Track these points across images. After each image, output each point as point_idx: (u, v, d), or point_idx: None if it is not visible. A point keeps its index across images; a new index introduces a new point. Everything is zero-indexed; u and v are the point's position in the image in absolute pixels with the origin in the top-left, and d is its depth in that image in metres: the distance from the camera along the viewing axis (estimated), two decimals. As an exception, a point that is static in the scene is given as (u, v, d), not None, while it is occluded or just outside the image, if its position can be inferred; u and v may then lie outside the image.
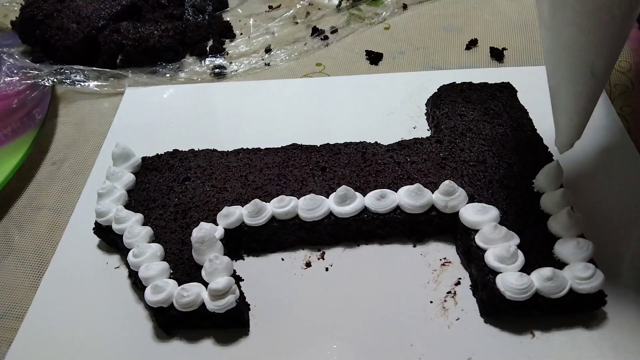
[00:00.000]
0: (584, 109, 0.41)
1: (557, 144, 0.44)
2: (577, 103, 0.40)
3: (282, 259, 0.49)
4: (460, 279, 0.46)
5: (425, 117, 0.61)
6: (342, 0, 0.81)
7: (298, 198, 0.48)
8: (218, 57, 0.74)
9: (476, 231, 0.45)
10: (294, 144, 0.55)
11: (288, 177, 0.51)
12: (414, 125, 0.60)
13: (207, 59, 0.74)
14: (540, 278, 0.40)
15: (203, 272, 0.43)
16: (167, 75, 0.72)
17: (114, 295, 0.47)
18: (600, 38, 0.36)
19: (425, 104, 0.62)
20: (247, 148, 0.55)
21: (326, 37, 0.76)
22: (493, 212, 0.45)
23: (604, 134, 0.56)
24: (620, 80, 0.63)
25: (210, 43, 0.77)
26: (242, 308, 0.43)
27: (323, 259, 0.49)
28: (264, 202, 0.48)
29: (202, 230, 0.44)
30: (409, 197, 0.47)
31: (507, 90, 0.58)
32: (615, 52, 0.38)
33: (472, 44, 0.72)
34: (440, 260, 0.47)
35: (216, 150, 0.56)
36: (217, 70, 0.72)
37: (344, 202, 0.47)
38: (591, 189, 0.51)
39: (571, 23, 0.36)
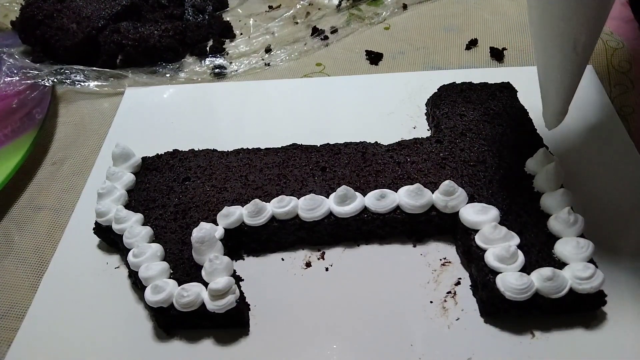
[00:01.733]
0: (569, 85, 0.42)
1: (545, 120, 0.45)
2: (562, 78, 0.42)
3: (282, 259, 0.49)
4: (460, 279, 0.46)
5: (425, 117, 0.61)
6: (342, 0, 0.81)
7: (298, 198, 0.48)
8: (218, 57, 0.74)
9: (476, 231, 0.45)
10: (294, 144, 0.55)
11: (288, 177, 0.51)
12: (414, 125, 0.60)
13: (207, 59, 0.74)
14: (540, 278, 0.40)
15: (203, 272, 0.43)
16: (167, 75, 0.72)
17: (114, 295, 0.47)
18: (581, 15, 0.38)
19: (425, 104, 0.62)
20: (247, 148, 0.55)
21: (326, 37, 0.76)
22: (493, 212, 0.45)
23: (604, 134, 0.56)
24: (620, 80, 0.63)
25: (210, 43, 0.77)
26: (242, 308, 0.43)
27: (323, 259, 0.49)
28: (264, 202, 0.48)
29: (202, 230, 0.44)
30: (409, 197, 0.47)
31: (507, 90, 0.58)
32: (596, 30, 0.40)
33: (472, 44, 0.72)
34: (440, 260, 0.47)
35: (216, 150, 0.56)
36: (217, 70, 0.72)
37: (344, 202, 0.47)
38: (591, 189, 0.51)
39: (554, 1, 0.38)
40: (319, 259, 0.49)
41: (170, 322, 0.44)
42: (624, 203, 0.50)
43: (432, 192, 0.47)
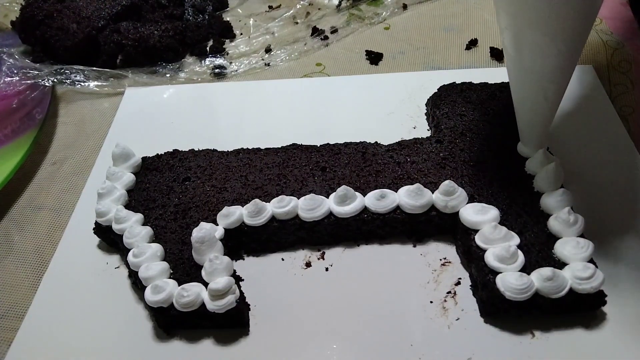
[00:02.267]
0: (541, 127, 0.48)
1: (519, 149, 0.51)
2: (534, 121, 0.48)
3: (282, 259, 0.49)
4: (460, 279, 0.46)
5: (425, 117, 0.61)
6: (342, 0, 0.81)
7: (298, 198, 0.48)
8: (218, 57, 0.74)
9: (476, 231, 0.45)
10: (294, 144, 0.55)
11: (288, 177, 0.51)
12: (414, 125, 0.60)
13: (207, 59, 0.74)
14: (540, 278, 0.40)
15: (203, 272, 0.43)
16: (167, 75, 0.72)
17: (114, 295, 0.47)
18: (550, 68, 0.43)
19: (425, 104, 0.62)
20: (247, 148, 0.55)
21: (326, 37, 0.76)
22: (493, 212, 0.45)
23: (604, 134, 0.56)
24: (620, 80, 0.63)
25: (210, 43, 0.77)
26: (242, 308, 0.43)
27: (323, 259, 0.49)
28: (264, 202, 0.48)
29: (202, 230, 0.44)
30: (409, 197, 0.47)
31: (507, 90, 0.58)
32: (564, 81, 0.45)
33: (472, 44, 0.72)
34: (440, 260, 0.47)
35: (216, 150, 0.56)
36: (217, 70, 0.72)
37: (344, 202, 0.47)
38: (591, 189, 0.51)
39: (526, 54, 0.43)
40: (319, 259, 0.49)
41: (170, 322, 0.44)
42: (624, 203, 0.50)
43: (432, 192, 0.47)
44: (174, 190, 0.52)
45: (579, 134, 0.56)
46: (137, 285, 0.46)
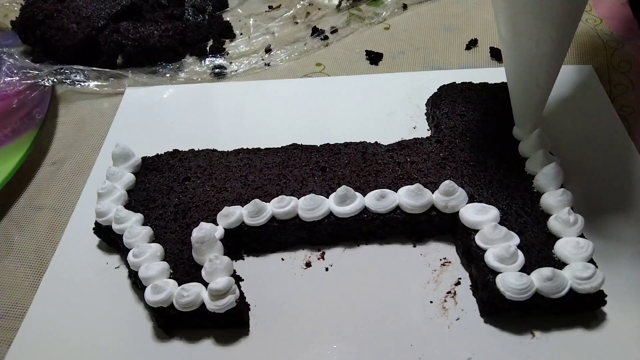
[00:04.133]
0: (534, 111, 0.50)
1: (514, 133, 0.53)
2: (528, 106, 0.50)
3: (282, 259, 0.49)
4: (460, 279, 0.46)
5: (425, 117, 0.61)
6: (342, 0, 0.81)
7: (298, 198, 0.48)
8: (218, 57, 0.74)
9: (476, 231, 0.45)
10: (294, 144, 0.55)
11: (288, 177, 0.51)
12: (414, 125, 0.60)
13: (207, 59, 0.74)
14: (540, 278, 0.40)
15: (203, 272, 0.43)
16: (167, 75, 0.72)
17: (114, 295, 0.47)
18: (541, 56, 0.45)
19: (425, 104, 0.62)
20: (247, 148, 0.55)
21: (326, 37, 0.76)
22: (493, 212, 0.45)
23: (604, 134, 0.56)
24: (620, 80, 0.63)
25: (210, 43, 0.77)
26: (242, 308, 0.43)
27: (323, 259, 0.49)
28: (264, 202, 0.48)
29: (202, 230, 0.44)
30: (409, 197, 0.47)
31: (507, 90, 0.58)
32: (554, 69, 0.47)
33: (472, 44, 0.72)
34: (440, 260, 0.47)
35: (216, 150, 0.56)
36: (217, 70, 0.72)
37: (344, 202, 0.47)
38: (591, 189, 0.51)
39: (521, 39, 0.45)
40: (319, 259, 0.49)
41: (170, 322, 0.44)
42: (624, 203, 0.50)
43: (432, 192, 0.47)
44: (174, 190, 0.52)
45: (579, 134, 0.57)
46: (137, 285, 0.46)
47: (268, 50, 0.75)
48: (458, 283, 0.46)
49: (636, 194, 0.51)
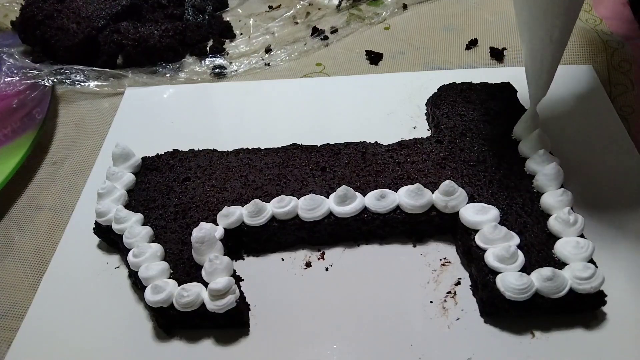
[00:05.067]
0: (547, 70, 0.49)
1: (529, 95, 0.52)
2: (542, 64, 0.48)
3: (282, 259, 0.49)
4: (460, 279, 0.46)
5: (425, 117, 0.61)
6: (342, 0, 0.81)
7: (298, 198, 0.48)
8: (218, 57, 0.74)
9: (476, 231, 0.45)
10: (294, 144, 0.55)
11: (288, 177, 0.51)
12: (414, 125, 0.60)
13: (207, 59, 0.74)
14: (540, 278, 0.40)
15: (203, 272, 0.43)
16: (167, 75, 0.72)
17: (114, 295, 0.47)
18: (554, 12, 0.44)
19: (425, 104, 0.62)
20: (247, 148, 0.55)
21: (326, 37, 0.76)
22: (493, 212, 0.45)
23: (604, 134, 0.56)
24: (620, 80, 0.63)
25: (210, 43, 0.77)
26: (242, 308, 0.43)
27: (323, 259, 0.49)
28: (264, 202, 0.48)
29: (202, 230, 0.44)
30: (409, 197, 0.47)
31: (507, 90, 0.58)
32: (568, 23, 0.46)
33: (472, 44, 0.72)
34: (440, 260, 0.47)
35: (216, 150, 0.56)
36: (217, 70, 0.72)
37: (344, 202, 0.47)
38: (591, 189, 0.51)
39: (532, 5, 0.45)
40: (319, 259, 0.49)
41: (170, 322, 0.44)
42: (624, 203, 0.50)
43: (432, 192, 0.47)
44: (174, 190, 0.52)
45: (579, 134, 0.57)
46: (137, 285, 0.46)
47: (268, 50, 0.75)
48: (458, 283, 0.46)
49: (636, 194, 0.51)
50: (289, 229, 0.48)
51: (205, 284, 0.42)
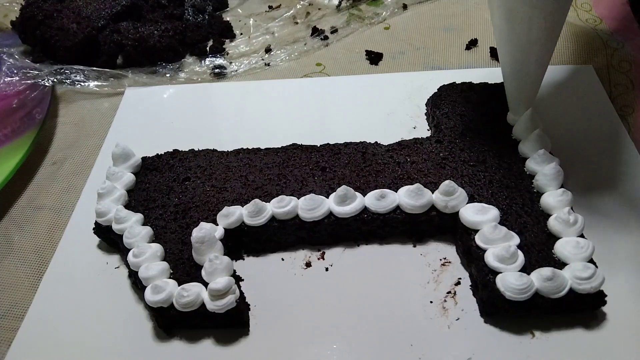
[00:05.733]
0: (526, 98, 0.52)
1: (508, 118, 0.54)
2: (520, 93, 0.52)
3: (282, 259, 0.49)
4: (460, 279, 0.46)
5: (425, 117, 0.61)
6: (342, 0, 0.81)
7: (298, 198, 0.48)
8: (218, 57, 0.74)
9: (476, 231, 0.45)
10: (294, 144, 0.55)
11: (288, 177, 0.51)
12: (414, 125, 0.60)
13: (207, 59, 0.74)
14: (540, 278, 0.40)
15: (203, 272, 0.43)
16: (167, 75, 0.72)
17: (114, 295, 0.47)
18: (534, 42, 0.47)
19: (425, 104, 0.62)
20: (247, 148, 0.55)
21: (326, 37, 0.76)
22: (493, 212, 0.45)
23: (604, 134, 0.56)
24: (620, 80, 0.63)
25: (210, 43, 0.77)
26: (242, 308, 0.43)
27: (323, 259, 0.49)
28: (264, 202, 0.48)
29: (202, 230, 0.44)
30: (409, 197, 0.47)
31: (507, 90, 0.58)
32: (544, 57, 0.49)
33: (472, 44, 0.72)
34: (440, 260, 0.47)
35: (216, 150, 0.56)
36: (217, 70, 0.72)
37: (344, 202, 0.47)
38: (591, 189, 0.51)
39: (513, 29, 0.47)
40: (319, 259, 0.49)
41: (170, 322, 0.44)
42: (624, 203, 0.50)
43: (432, 192, 0.47)
44: (174, 190, 0.52)
45: (579, 134, 0.57)
46: (137, 285, 0.46)
47: (268, 50, 0.75)
48: (458, 283, 0.46)
49: (636, 194, 0.51)
50: (289, 229, 0.48)
51: (205, 284, 0.42)
